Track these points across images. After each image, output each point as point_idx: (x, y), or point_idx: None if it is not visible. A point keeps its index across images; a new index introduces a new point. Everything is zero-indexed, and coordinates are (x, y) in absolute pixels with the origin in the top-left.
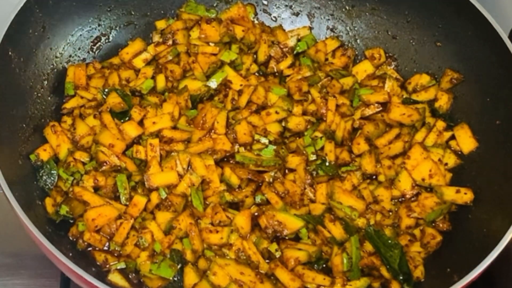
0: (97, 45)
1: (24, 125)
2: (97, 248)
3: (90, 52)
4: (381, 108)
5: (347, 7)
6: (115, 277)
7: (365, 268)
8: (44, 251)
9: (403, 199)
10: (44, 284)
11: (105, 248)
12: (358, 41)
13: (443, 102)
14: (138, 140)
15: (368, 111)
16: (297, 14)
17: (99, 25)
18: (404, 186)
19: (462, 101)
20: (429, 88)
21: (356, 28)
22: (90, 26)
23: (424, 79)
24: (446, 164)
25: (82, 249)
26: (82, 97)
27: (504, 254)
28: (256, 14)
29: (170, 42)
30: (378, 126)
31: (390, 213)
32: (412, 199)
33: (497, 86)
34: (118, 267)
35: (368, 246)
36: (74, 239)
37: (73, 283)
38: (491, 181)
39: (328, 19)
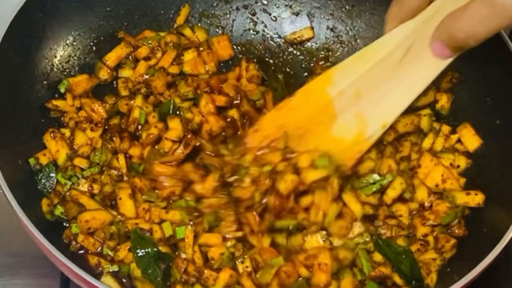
0: (98, 45)
1: (24, 125)
2: (89, 251)
3: (91, 52)
4: None
5: (347, 7)
6: (107, 280)
7: (376, 279)
8: (44, 251)
9: (421, 209)
10: (44, 284)
11: (98, 250)
12: (358, 41)
13: (444, 102)
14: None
15: None
16: (297, 14)
17: (99, 25)
18: (421, 197)
19: (462, 101)
20: (428, 91)
21: (356, 28)
22: (90, 26)
23: None
24: (458, 166)
25: (75, 250)
26: (71, 105)
27: (505, 253)
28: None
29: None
30: (393, 144)
31: (407, 225)
32: (427, 208)
33: (497, 86)
34: (111, 270)
35: (377, 257)
36: (68, 241)
37: (73, 283)
38: (492, 181)
39: (328, 19)
